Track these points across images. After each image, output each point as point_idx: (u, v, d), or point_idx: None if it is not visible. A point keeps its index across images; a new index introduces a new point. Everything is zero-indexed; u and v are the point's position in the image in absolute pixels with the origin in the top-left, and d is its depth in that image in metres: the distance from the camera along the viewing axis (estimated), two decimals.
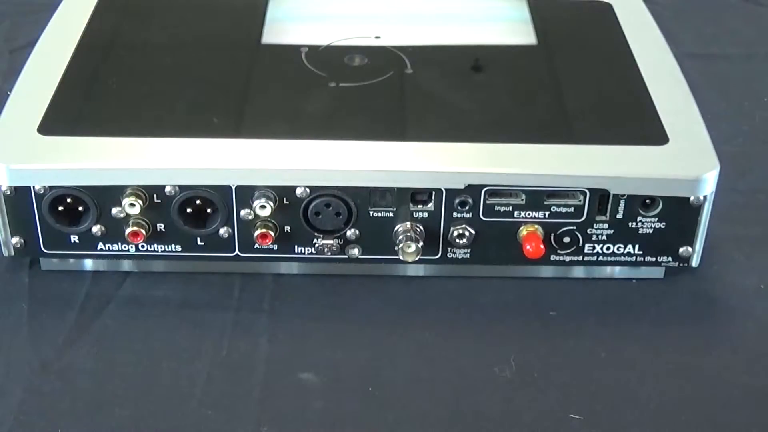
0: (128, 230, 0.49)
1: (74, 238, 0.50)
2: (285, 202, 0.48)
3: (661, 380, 0.47)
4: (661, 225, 0.49)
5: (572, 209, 0.49)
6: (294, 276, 0.52)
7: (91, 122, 0.51)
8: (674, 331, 0.50)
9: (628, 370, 0.48)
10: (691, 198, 0.48)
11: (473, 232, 0.49)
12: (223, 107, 0.52)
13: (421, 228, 0.49)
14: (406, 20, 0.61)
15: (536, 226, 0.49)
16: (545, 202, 0.49)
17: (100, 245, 0.50)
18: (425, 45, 0.58)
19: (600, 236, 0.50)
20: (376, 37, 0.58)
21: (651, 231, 0.49)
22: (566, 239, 0.50)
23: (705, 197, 0.48)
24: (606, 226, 0.49)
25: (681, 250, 0.50)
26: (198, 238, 0.50)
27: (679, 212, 0.49)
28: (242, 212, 0.49)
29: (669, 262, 0.51)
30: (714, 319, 0.51)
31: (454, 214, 0.49)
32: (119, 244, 0.50)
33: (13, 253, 0.50)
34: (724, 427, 0.45)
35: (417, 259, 0.49)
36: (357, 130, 0.50)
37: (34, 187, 0.48)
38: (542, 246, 0.49)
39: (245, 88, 0.53)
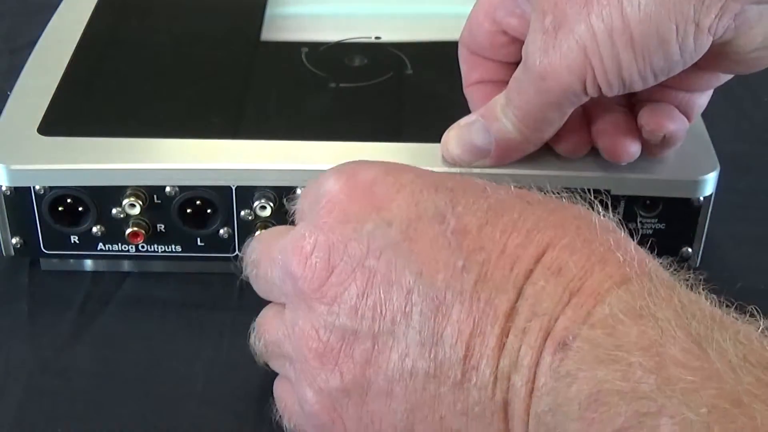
0: (128, 231, 0.49)
1: (74, 239, 0.50)
2: (285, 202, 0.48)
3: None
4: (661, 225, 0.49)
5: None
6: None
7: (91, 122, 0.51)
8: None
9: None
10: (691, 199, 0.48)
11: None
12: (223, 108, 0.52)
13: None
14: (407, 20, 0.61)
15: None
16: None
17: (100, 245, 0.50)
18: (426, 45, 0.58)
19: None
20: (377, 38, 0.58)
21: (651, 232, 0.49)
22: None
23: (705, 198, 0.48)
24: None
25: (681, 250, 0.50)
26: (198, 239, 0.50)
27: (680, 213, 0.49)
28: (242, 213, 0.49)
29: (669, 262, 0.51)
30: None
31: None
32: (119, 244, 0.50)
33: (13, 253, 0.50)
34: None
35: None
36: (357, 130, 0.50)
37: (34, 187, 0.48)
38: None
39: (245, 89, 0.53)
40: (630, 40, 0.39)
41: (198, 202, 0.49)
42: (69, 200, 0.49)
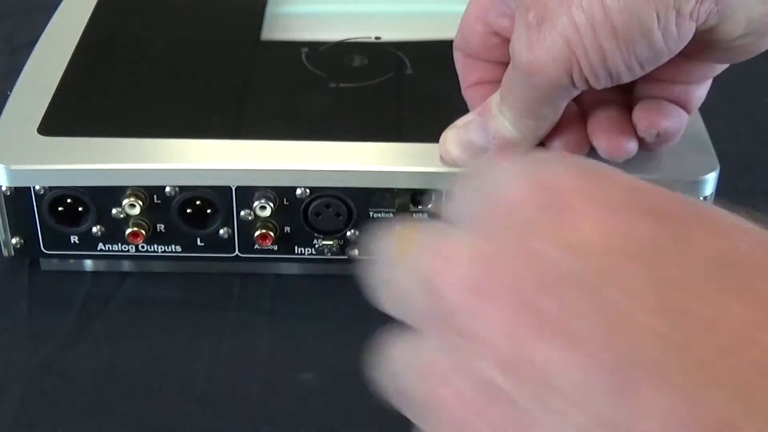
0: (128, 231, 0.49)
1: (74, 239, 0.50)
2: (285, 202, 0.48)
3: None
4: None
5: None
6: (294, 276, 0.52)
7: (91, 122, 0.51)
8: None
9: None
10: None
11: None
12: (223, 108, 0.52)
13: None
14: (407, 20, 0.61)
15: None
16: None
17: (100, 246, 0.50)
18: (426, 45, 0.58)
19: None
20: (377, 38, 0.58)
21: None
22: None
23: (705, 198, 0.48)
24: None
25: None
26: (198, 239, 0.50)
27: None
28: (242, 213, 0.49)
29: None
30: None
31: None
32: (119, 244, 0.50)
33: (13, 254, 0.50)
34: None
35: None
36: (357, 130, 0.50)
37: (34, 187, 0.48)
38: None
39: (245, 89, 0.53)
40: (612, 30, 0.39)
41: (198, 202, 0.49)
42: (69, 200, 0.49)
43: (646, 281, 0.25)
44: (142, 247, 0.50)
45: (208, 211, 0.49)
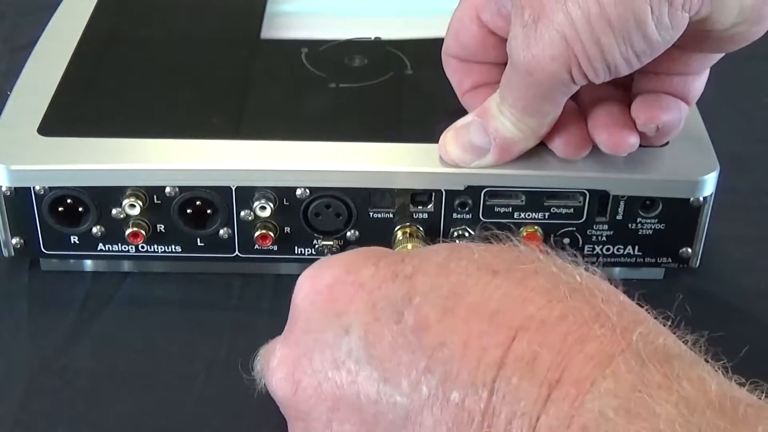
0: (128, 231, 0.49)
1: (74, 239, 0.50)
2: (285, 203, 0.48)
3: None
4: (661, 226, 0.49)
5: (572, 210, 0.49)
6: (294, 277, 0.52)
7: (91, 122, 0.51)
8: (674, 331, 0.50)
9: None
10: (691, 199, 0.48)
11: (473, 233, 0.49)
12: (223, 108, 0.52)
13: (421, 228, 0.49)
14: (407, 20, 0.61)
15: (536, 227, 0.49)
16: (545, 203, 0.49)
17: (100, 246, 0.50)
18: (426, 45, 0.58)
19: (600, 237, 0.50)
20: (377, 38, 0.58)
21: (651, 232, 0.49)
22: (566, 240, 0.50)
23: (705, 198, 0.48)
24: (606, 227, 0.49)
25: (681, 251, 0.50)
26: (198, 239, 0.50)
27: (679, 213, 0.49)
28: (242, 213, 0.49)
29: (669, 263, 0.51)
30: (714, 319, 0.51)
31: (454, 216, 0.49)
32: (119, 244, 0.50)
33: (13, 254, 0.50)
34: None
35: None
36: (357, 130, 0.50)
37: (34, 187, 0.48)
38: (542, 247, 0.49)
39: (245, 89, 0.53)
40: (608, 23, 0.39)
41: (198, 203, 0.49)
42: (69, 200, 0.49)
43: (400, 335, 0.33)
44: (142, 247, 0.50)
45: (208, 211, 0.49)
